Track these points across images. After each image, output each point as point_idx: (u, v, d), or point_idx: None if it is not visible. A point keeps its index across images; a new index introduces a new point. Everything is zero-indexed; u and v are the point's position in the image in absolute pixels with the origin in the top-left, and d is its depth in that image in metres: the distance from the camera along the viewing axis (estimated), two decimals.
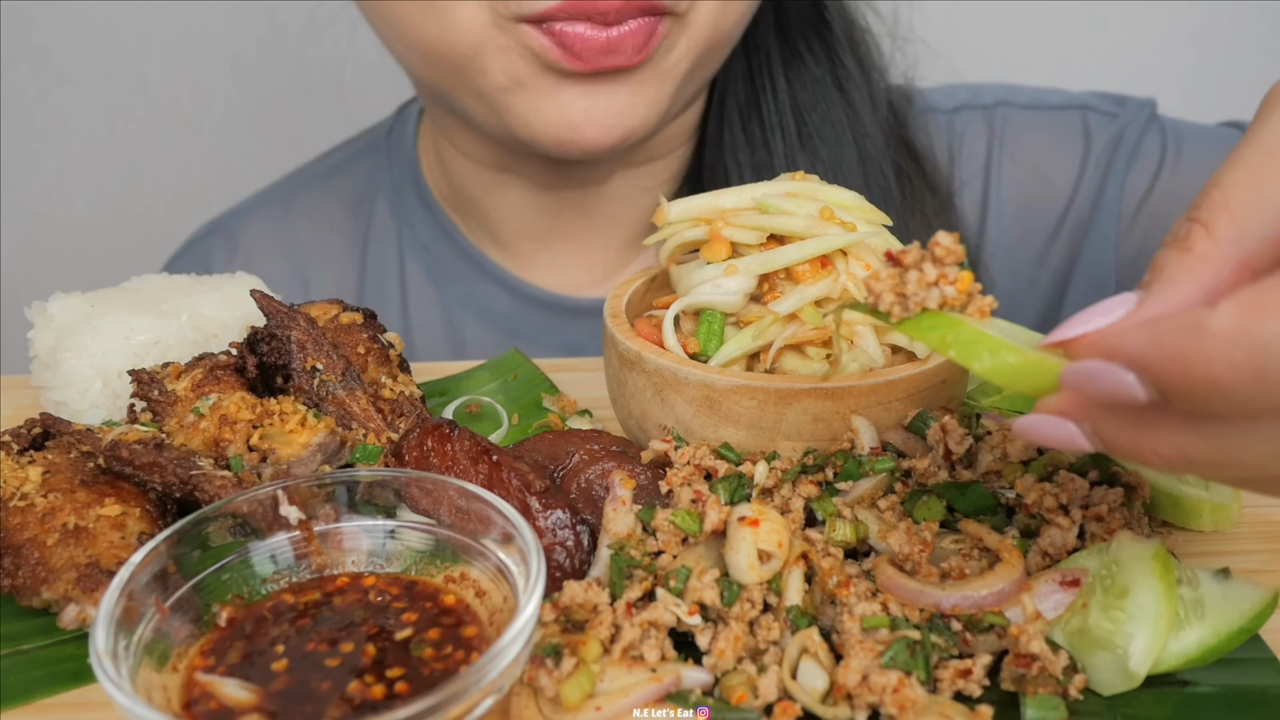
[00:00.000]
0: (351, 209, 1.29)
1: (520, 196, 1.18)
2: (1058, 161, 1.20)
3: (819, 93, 1.15)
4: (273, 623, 0.59)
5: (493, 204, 1.20)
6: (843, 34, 1.17)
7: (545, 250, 1.22)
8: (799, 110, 1.14)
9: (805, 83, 1.15)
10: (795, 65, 1.15)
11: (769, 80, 1.15)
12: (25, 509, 0.66)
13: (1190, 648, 0.57)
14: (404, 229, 1.26)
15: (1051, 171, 1.20)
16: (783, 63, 1.15)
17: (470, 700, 0.51)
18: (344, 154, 1.34)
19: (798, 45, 1.15)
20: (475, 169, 1.18)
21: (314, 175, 1.35)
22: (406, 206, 1.26)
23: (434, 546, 0.64)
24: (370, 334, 0.84)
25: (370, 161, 1.31)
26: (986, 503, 0.64)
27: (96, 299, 0.87)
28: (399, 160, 1.28)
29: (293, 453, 0.69)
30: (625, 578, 0.60)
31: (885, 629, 0.56)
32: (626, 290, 0.80)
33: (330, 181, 1.32)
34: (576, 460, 0.69)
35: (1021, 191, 1.21)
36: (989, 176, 1.22)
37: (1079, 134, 1.20)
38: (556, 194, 1.17)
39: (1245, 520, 0.72)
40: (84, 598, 0.62)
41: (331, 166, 1.34)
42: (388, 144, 1.30)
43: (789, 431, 0.69)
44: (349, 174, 1.32)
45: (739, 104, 1.16)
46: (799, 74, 1.15)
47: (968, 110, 1.24)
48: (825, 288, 0.72)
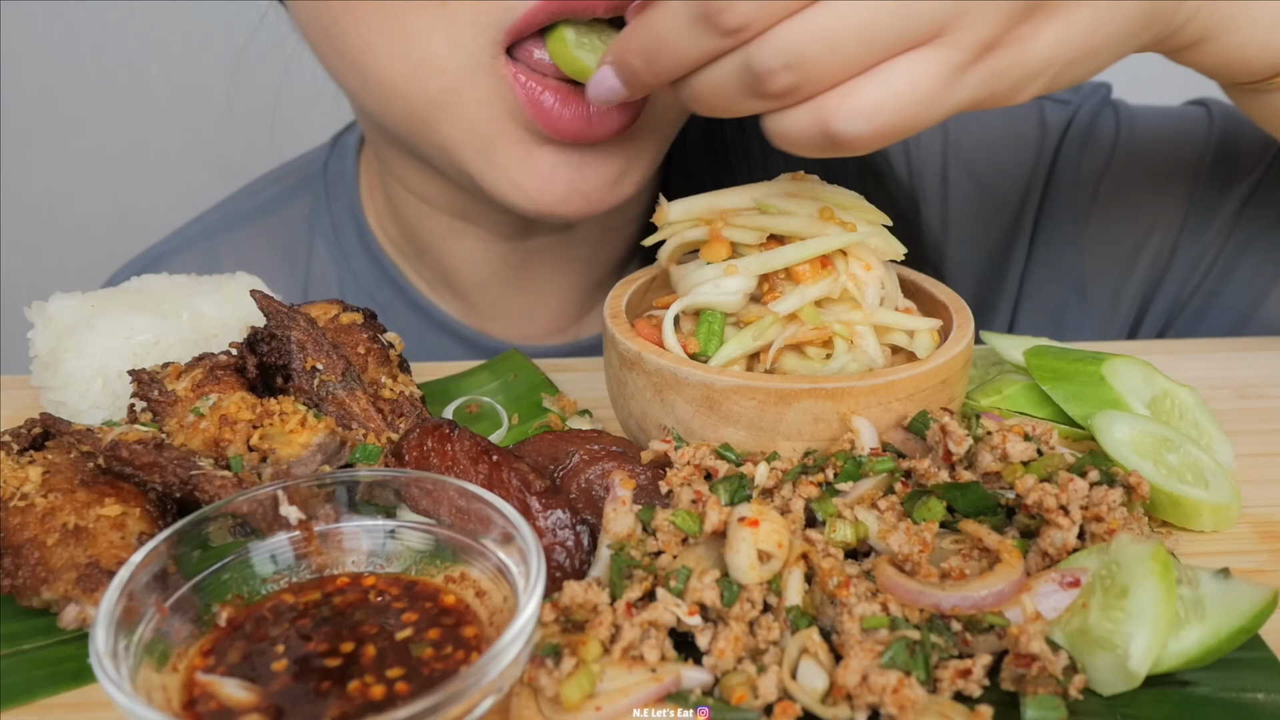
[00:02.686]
0: (286, 253, 1.17)
1: (480, 245, 1.07)
2: (1015, 154, 1.17)
3: None
4: (273, 623, 0.59)
5: (449, 251, 1.09)
6: None
7: (505, 299, 1.12)
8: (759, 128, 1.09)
9: None
10: None
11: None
12: (25, 509, 0.66)
13: (1190, 648, 0.57)
14: (345, 276, 1.14)
15: (1010, 165, 1.17)
16: None
17: (470, 700, 0.51)
18: (273, 191, 1.22)
19: None
20: (431, 213, 1.06)
21: (240, 215, 1.22)
22: (347, 251, 1.14)
23: (434, 546, 0.64)
24: (370, 334, 0.84)
25: (304, 200, 1.18)
26: (986, 503, 0.64)
27: (96, 299, 0.87)
28: (338, 200, 1.16)
29: (293, 453, 0.69)
30: (625, 578, 0.60)
31: (885, 629, 0.56)
32: (626, 290, 0.80)
33: (260, 221, 1.20)
34: (576, 460, 0.69)
35: (981, 190, 1.18)
36: (946, 180, 1.18)
37: (1035, 124, 1.17)
38: (521, 243, 1.07)
39: (1245, 520, 0.72)
40: (84, 598, 0.62)
41: (260, 205, 1.21)
42: (324, 180, 1.18)
43: (789, 431, 0.69)
44: (280, 214, 1.19)
45: (700, 124, 1.07)
46: None
47: None
48: (825, 288, 0.72)
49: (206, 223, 1.24)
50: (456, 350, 1.15)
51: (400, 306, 1.15)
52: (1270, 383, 0.90)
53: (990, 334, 0.87)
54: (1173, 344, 1.00)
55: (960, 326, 0.75)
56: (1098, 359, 0.79)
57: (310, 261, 1.17)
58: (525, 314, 1.14)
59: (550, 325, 1.15)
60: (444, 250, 1.10)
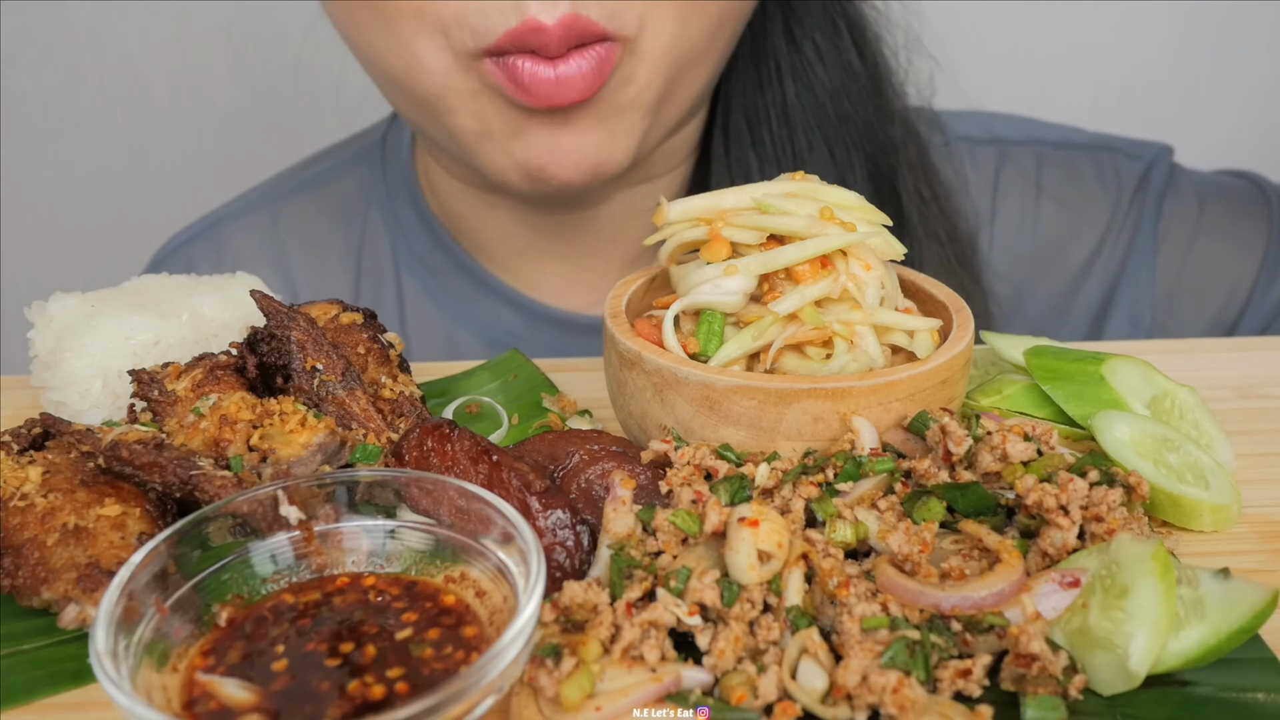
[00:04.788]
0: (342, 220, 1.26)
1: (512, 216, 1.15)
2: (1090, 201, 1.23)
3: (831, 109, 1.12)
4: (273, 623, 0.59)
5: (484, 223, 1.17)
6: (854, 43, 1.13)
7: (542, 270, 1.19)
8: (808, 126, 1.12)
9: (816, 97, 1.12)
10: (805, 78, 1.12)
11: (779, 93, 1.11)
12: (25, 509, 0.66)
13: (1190, 648, 0.57)
14: (399, 243, 1.23)
15: (1084, 210, 1.23)
16: (793, 75, 1.11)
17: (470, 700, 0.51)
18: (331, 162, 1.30)
19: (809, 56, 1.12)
20: (462, 189, 1.16)
21: (300, 183, 1.30)
22: (402, 219, 1.23)
23: (434, 546, 0.64)
24: (370, 334, 0.84)
25: (362, 171, 1.27)
26: (986, 503, 0.64)
27: (96, 299, 0.87)
28: (394, 170, 1.24)
29: (293, 453, 0.69)
30: (625, 578, 0.60)
31: (885, 629, 0.56)
32: (626, 290, 0.80)
33: (318, 190, 1.28)
34: (576, 460, 0.69)
35: (1054, 230, 1.23)
36: (1022, 213, 1.24)
37: (1110, 176, 1.23)
38: (550, 216, 1.14)
39: (1245, 520, 0.72)
40: (84, 598, 0.62)
41: (318, 175, 1.30)
42: (382, 152, 1.26)
43: (789, 431, 0.69)
44: (338, 183, 1.28)
45: (745, 118, 1.12)
46: (809, 88, 1.12)
47: (999, 145, 1.25)
48: (825, 288, 0.72)
49: (265, 190, 1.32)
50: (506, 313, 1.20)
51: (451, 270, 1.21)
52: (1270, 383, 0.90)
53: (990, 334, 0.87)
54: (1173, 344, 1.00)
55: (960, 326, 0.75)
56: (1098, 359, 0.79)
57: (365, 227, 1.24)
58: (566, 284, 1.20)
59: (591, 297, 1.20)
60: (479, 222, 1.17)
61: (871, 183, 1.13)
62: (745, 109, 1.12)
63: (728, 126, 1.13)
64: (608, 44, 0.92)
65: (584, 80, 0.91)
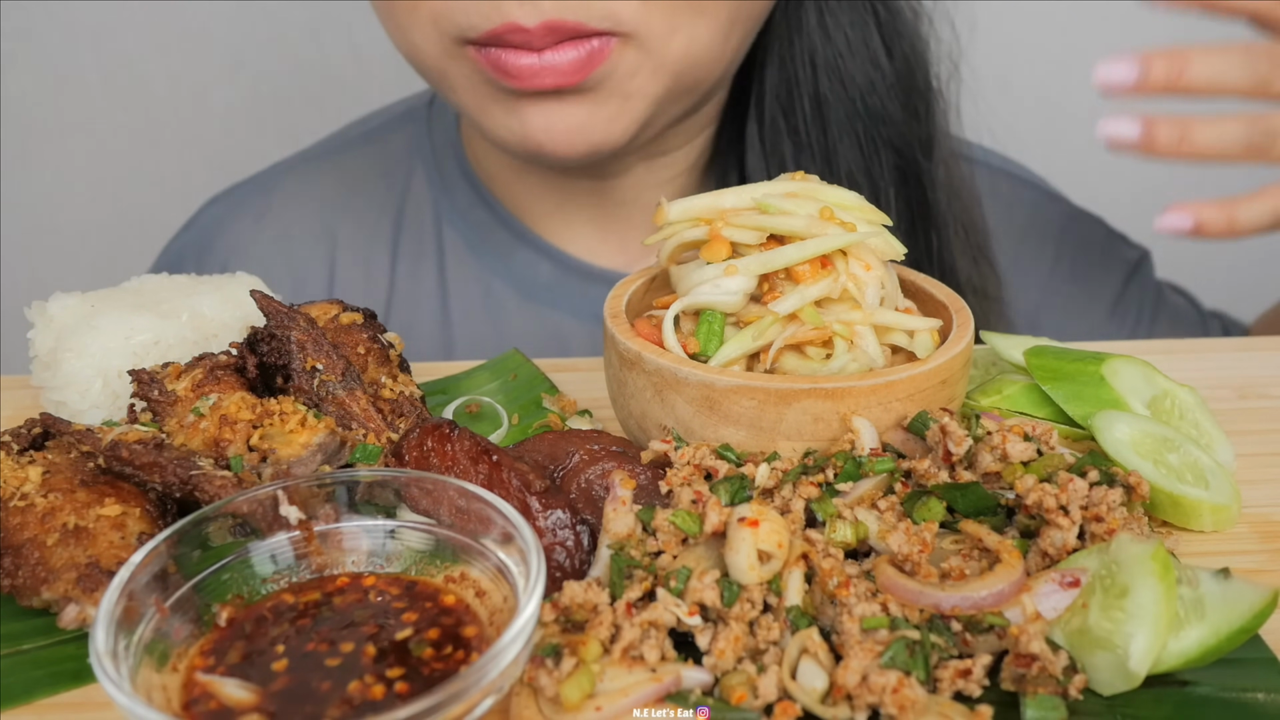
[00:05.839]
0: (385, 175, 1.29)
1: (540, 180, 1.18)
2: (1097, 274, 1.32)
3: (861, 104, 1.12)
4: (273, 623, 0.59)
5: (517, 184, 1.20)
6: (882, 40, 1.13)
7: (572, 229, 1.22)
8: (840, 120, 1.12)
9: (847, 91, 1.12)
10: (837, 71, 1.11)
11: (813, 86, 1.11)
12: (25, 509, 0.66)
13: (1190, 648, 0.57)
14: (440, 198, 1.26)
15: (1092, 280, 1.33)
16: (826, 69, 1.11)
17: (470, 700, 0.51)
18: (380, 120, 1.35)
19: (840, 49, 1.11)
20: (497, 153, 1.19)
21: (348, 141, 1.34)
22: (447, 175, 1.26)
23: (434, 546, 0.64)
24: (370, 334, 0.84)
25: (408, 129, 1.31)
26: (986, 503, 0.64)
27: (96, 299, 0.87)
28: (440, 130, 1.28)
29: (293, 453, 0.69)
30: (625, 578, 0.60)
31: (885, 629, 0.56)
32: (626, 290, 0.80)
33: (365, 147, 1.32)
34: (576, 460, 0.69)
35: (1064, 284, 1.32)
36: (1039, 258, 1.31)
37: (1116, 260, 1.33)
38: (575, 181, 1.17)
39: (1245, 520, 0.72)
40: (84, 598, 0.62)
41: (366, 133, 1.33)
42: (429, 113, 1.30)
43: (789, 431, 0.69)
44: (385, 140, 1.32)
45: (781, 109, 1.13)
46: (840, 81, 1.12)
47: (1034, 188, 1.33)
48: (825, 288, 0.72)
49: (317, 149, 1.36)
50: (543, 266, 1.22)
51: (494, 225, 1.24)
52: (1270, 383, 0.90)
53: (990, 334, 0.87)
54: (1173, 344, 1.00)
55: (960, 326, 0.75)
56: (1098, 359, 0.79)
57: (409, 184, 1.28)
58: (597, 244, 1.22)
59: (621, 257, 1.23)
60: (514, 183, 1.21)
61: (899, 173, 1.14)
62: (780, 99, 1.13)
63: (762, 117, 1.14)
64: (603, 38, 0.93)
65: (569, 66, 0.93)
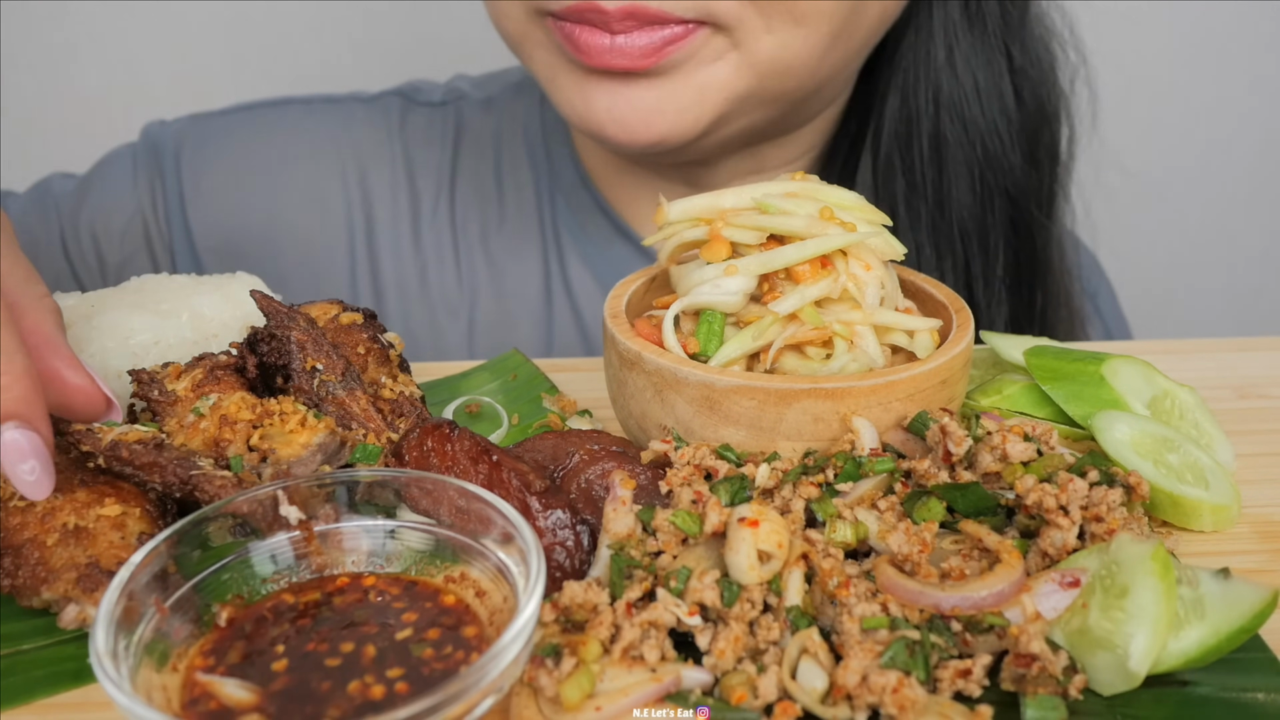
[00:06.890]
0: (493, 142, 1.27)
1: (636, 179, 1.18)
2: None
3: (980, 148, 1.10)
4: (273, 623, 0.59)
5: (613, 173, 1.20)
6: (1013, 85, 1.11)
7: (644, 205, 1.20)
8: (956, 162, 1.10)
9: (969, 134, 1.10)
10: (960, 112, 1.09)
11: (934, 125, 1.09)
12: (25, 509, 0.66)
13: (1190, 648, 0.57)
14: (540, 176, 1.24)
15: None
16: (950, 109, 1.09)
17: (470, 700, 0.51)
18: (498, 85, 1.32)
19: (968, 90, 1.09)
20: (594, 145, 1.19)
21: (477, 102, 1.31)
22: (553, 151, 1.25)
23: (434, 546, 0.64)
24: (370, 334, 0.84)
25: (521, 101, 1.29)
26: (986, 503, 0.65)
27: (96, 299, 0.87)
28: (550, 109, 1.25)
29: (293, 453, 0.69)
30: (625, 578, 0.60)
31: (885, 629, 0.56)
32: (626, 290, 0.80)
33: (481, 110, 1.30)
34: (576, 460, 0.69)
35: None
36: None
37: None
38: (671, 187, 1.16)
39: (1245, 520, 0.72)
40: (84, 598, 0.62)
41: (486, 99, 1.31)
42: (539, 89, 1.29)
43: (789, 431, 0.69)
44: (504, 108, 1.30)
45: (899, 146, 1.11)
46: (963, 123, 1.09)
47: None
48: (825, 288, 0.72)
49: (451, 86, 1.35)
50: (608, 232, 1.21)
51: (576, 185, 1.23)
52: (1270, 383, 0.90)
53: (990, 334, 0.87)
54: (1173, 344, 1.00)
55: (960, 327, 0.75)
56: (1098, 359, 0.79)
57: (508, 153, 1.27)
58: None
59: None
60: (609, 172, 1.21)
61: (1011, 224, 1.13)
62: (899, 136, 1.11)
63: (877, 152, 1.12)
64: (687, 26, 0.92)
65: (639, 51, 0.93)
